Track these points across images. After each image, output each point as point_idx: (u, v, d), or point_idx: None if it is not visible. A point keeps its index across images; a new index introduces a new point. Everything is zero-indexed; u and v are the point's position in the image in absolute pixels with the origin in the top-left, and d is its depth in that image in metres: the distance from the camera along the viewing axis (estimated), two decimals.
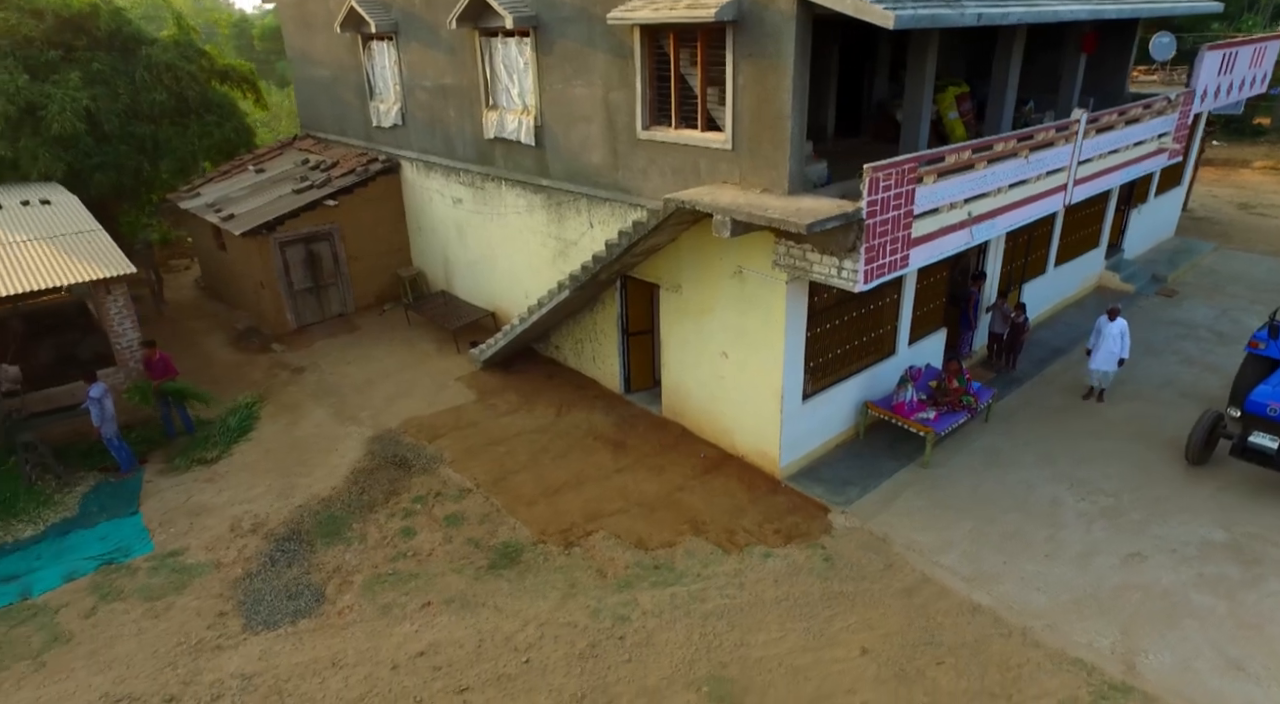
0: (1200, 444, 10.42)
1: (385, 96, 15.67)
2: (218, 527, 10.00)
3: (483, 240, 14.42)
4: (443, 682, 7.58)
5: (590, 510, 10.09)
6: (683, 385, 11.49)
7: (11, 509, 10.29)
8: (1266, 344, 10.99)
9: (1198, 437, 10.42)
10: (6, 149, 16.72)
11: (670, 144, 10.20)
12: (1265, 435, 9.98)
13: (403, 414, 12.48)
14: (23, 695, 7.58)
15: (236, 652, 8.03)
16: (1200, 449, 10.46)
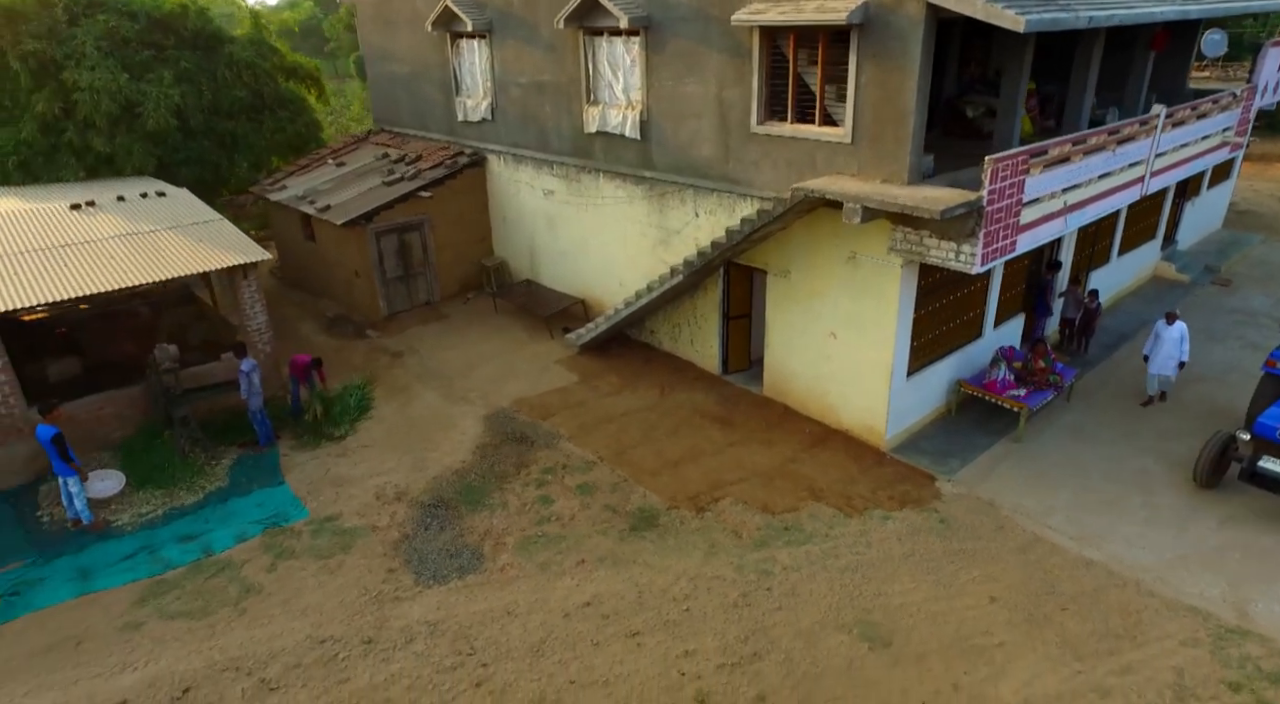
0: (1209, 467, 10.17)
1: (473, 92, 16.52)
2: (363, 495, 10.86)
3: (575, 230, 15.28)
4: (613, 627, 8.46)
5: (712, 480, 10.97)
6: (786, 365, 12.36)
7: (171, 479, 11.16)
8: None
9: (1206, 459, 10.17)
10: (105, 145, 17.61)
11: (785, 138, 11.06)
12: (1275, 460, 9.70)
13: (511, 395, 13.35)
14: (234, 636, 8.45)
15: (415, 602, 8.90)
16: (1209, 473, 10.21)
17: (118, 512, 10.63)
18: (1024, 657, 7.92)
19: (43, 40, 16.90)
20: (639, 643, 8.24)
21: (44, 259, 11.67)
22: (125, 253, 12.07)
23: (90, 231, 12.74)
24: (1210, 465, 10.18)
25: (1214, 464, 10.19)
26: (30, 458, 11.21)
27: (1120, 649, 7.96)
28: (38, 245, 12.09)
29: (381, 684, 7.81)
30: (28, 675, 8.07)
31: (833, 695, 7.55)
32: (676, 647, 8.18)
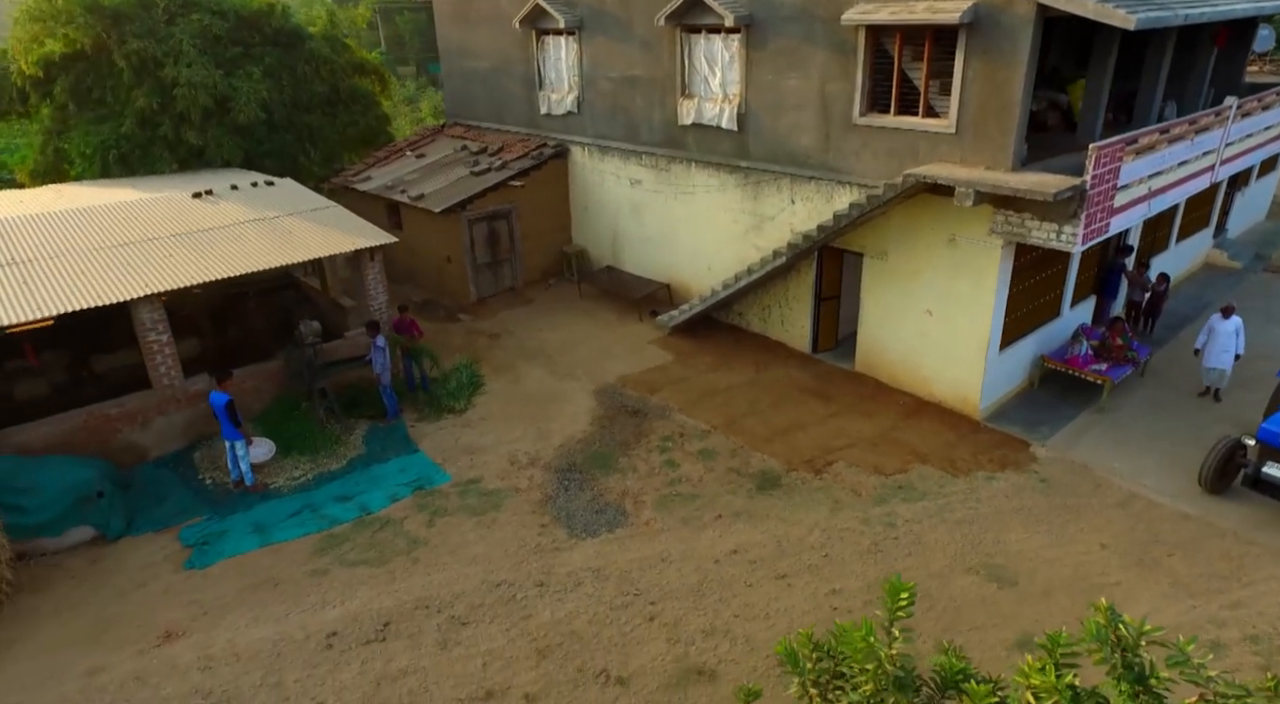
0: (1215, 473, 10.29)
1: (558, 87, 17.48)
2: (497, 462, 11.83)
3: (661, 218, 16.24)
4: (762, 571, 9.43)
5: (821, 446, 11.95)
6: (880, 342, 13.33)
7: (313, 447, 12.12)
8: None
9: (1212, 464, 10.27)
10: (197, 138, 18.56)
11: (887, 129, 12.03)
12: (1278, 467, 9.84)
13: (614, 372, 14.31)
14: (415, 581, 9.42)
15: (573, 552, 9.87)
16: (1215, 478, 10.32)
17: (272, 476, 11.60)
18: (1141, 594, 8.90)
19: (145, 39, 17.83)
20: (788, 584, 9.22)
21: (190, 243, 12.61)
22: (260, 237, 13.02)
23: (221, 218, 13.68)
24: (1216, 471, 10.28)
25: (1220, 470, 10.28)
26: (186, 425, 12.18)
27: (1228, 588, 8.94)
28: (179, 230, 13.02)
29: (563, 619, 8.78)
30: (241, 610, 9.04)
31: (974, 624, 8.53)
32: (823, 587, 9.15)
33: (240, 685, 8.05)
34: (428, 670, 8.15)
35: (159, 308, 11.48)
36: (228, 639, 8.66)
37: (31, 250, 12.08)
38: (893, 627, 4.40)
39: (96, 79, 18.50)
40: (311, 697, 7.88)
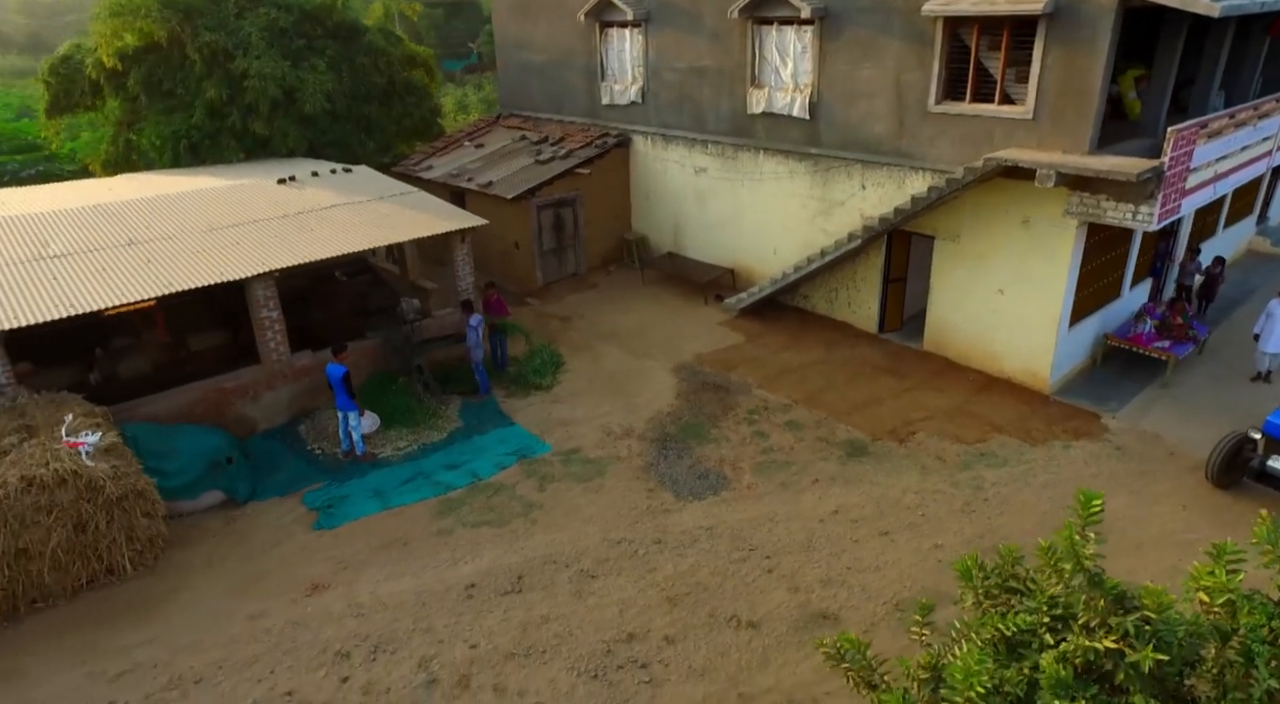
0: (1220, 467, 10.46)
1: (621, 77, 18.14)
2: (591, 433, 12.48)
3: (727, 205, 16.89)
4: (865, 529, 10.09)
5: (900, 418, 12.61)
6: (949, 321, 13.99)
7: (413, 420, 12.77)
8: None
9: (1218, 458, 10.45)
10: (264, 128, 19.20)
11: (963, 116, 12.69)
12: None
13: (689, 351, 14.97)
14: (537, 540, 10.08)
15: (683, 514, 10.53)
16: (1221, 472, 10.48)
17: (378, 446, 12.25)
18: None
19: (216, 32, 18.47)
20: (891, 540, 9.88)
21: (292, 224, 13.26)
22: (356, 219, 13.67)
23: (313, 201, 14.32)
24: (1223, 464, 10.44)
25: (1226, 464, 10.44)
26: (291, 400, 12.83)
27: None
28: (278, 213, 13.66)
29: (686, 572, 9.44)
30: (378, 566, 9.70)
31: None
32: (925, 542, 9.82)
33: (394, 630, 8.71)
34: (568, 617, 8.81)
35: (271, 285, 12.13)
36: (371, 591, 9.32)
37: (148, 231, 12.71)
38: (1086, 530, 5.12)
39: (167, 71, 19.15)
40: (464, 639, 8.54)
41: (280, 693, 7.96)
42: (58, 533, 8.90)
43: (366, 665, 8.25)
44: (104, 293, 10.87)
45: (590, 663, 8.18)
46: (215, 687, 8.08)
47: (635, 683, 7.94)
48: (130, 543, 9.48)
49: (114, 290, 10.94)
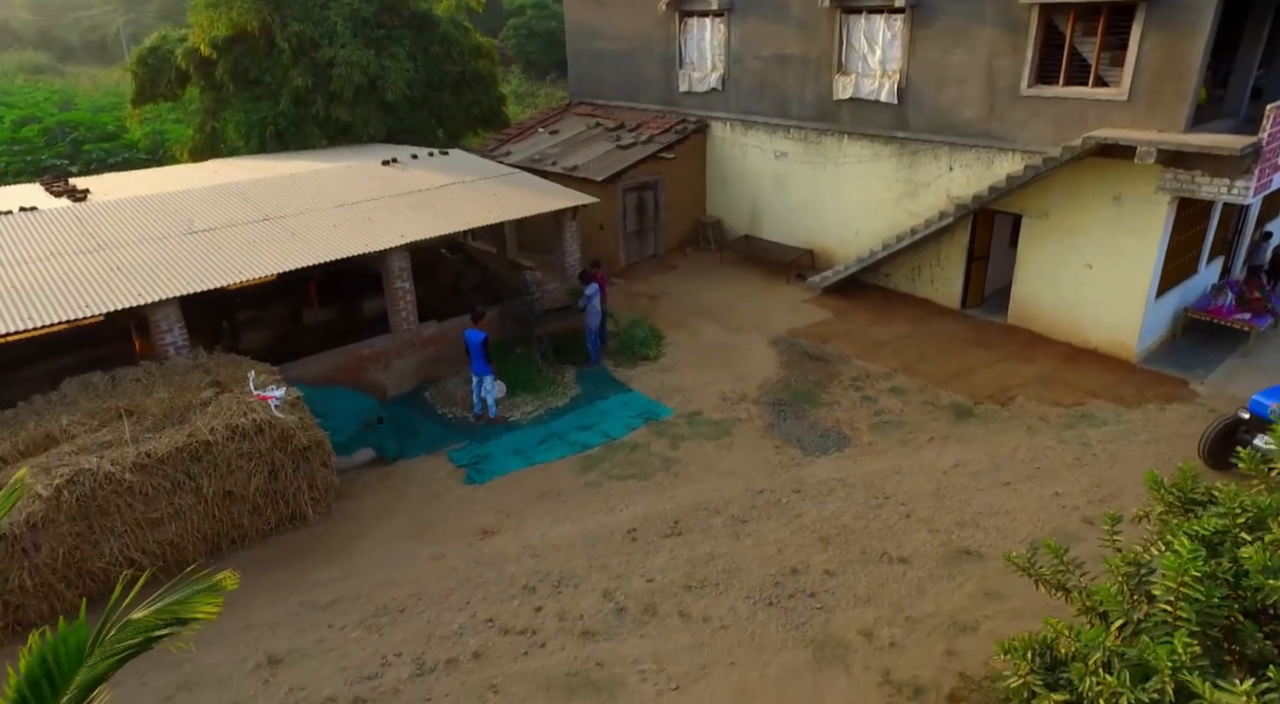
0: (1213, 447, 10.73)
1: (700, 65, 18.97)
2: (707, 398, 13.30)
3: (807, 188, 17.73)
4: (986, 480, 10.92)
5: (997, 385, 13.44)
6: (1035, 296, 14.83)
7: (534, 387, 13.57)
8: None
9: (1210, 439, 10.74)
10: (347, 114, 20.00)
11: (1055, 99, 13.53)
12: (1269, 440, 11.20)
13: (781, 326, 15.80)
14: (683, 490, 10.89)
15: (813, 468, 11.36)
16: (1213, 453, 10.73)
17: (506, 411, 13.05)
18: None
19: (304, 22, 19.27)
20: (1014, 489, 10.71)
21: (414, 202, 14.06)
22: (470, 197, 14.48)
23: (425, 181, 15.11)
24: (1214, 446, 10.70)
25: (1219, 445, 10.67)
26: (416, 368, 13.64)
27: None
28: (396, 192, 14.46)
29: (830, 517, 10.26)
30: (538, 514, 10.51)
31: None
32: (1045, 491, 10.65)
33: (571, 567, 9.52)
34: (731, 555, 9.62)
35: (406, 257, 12.93)
36: (540, 535, 10.13)
37: (282, 208, 13.50)
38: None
39: (253, 60, 19.93)
40: (639, 574, 9.35)
41: (481, 620, 8.76)
42: (256, 478, 9.70)
43: (554, 597, 9.06)
44: (260, 262, 11.67)
45: (762, 593, 8.99)
46: (420, 615, 8.88)
47: (808, 609, 8.76)
48: (311, 490, 10.27)
49: (270, 260, 11.74)
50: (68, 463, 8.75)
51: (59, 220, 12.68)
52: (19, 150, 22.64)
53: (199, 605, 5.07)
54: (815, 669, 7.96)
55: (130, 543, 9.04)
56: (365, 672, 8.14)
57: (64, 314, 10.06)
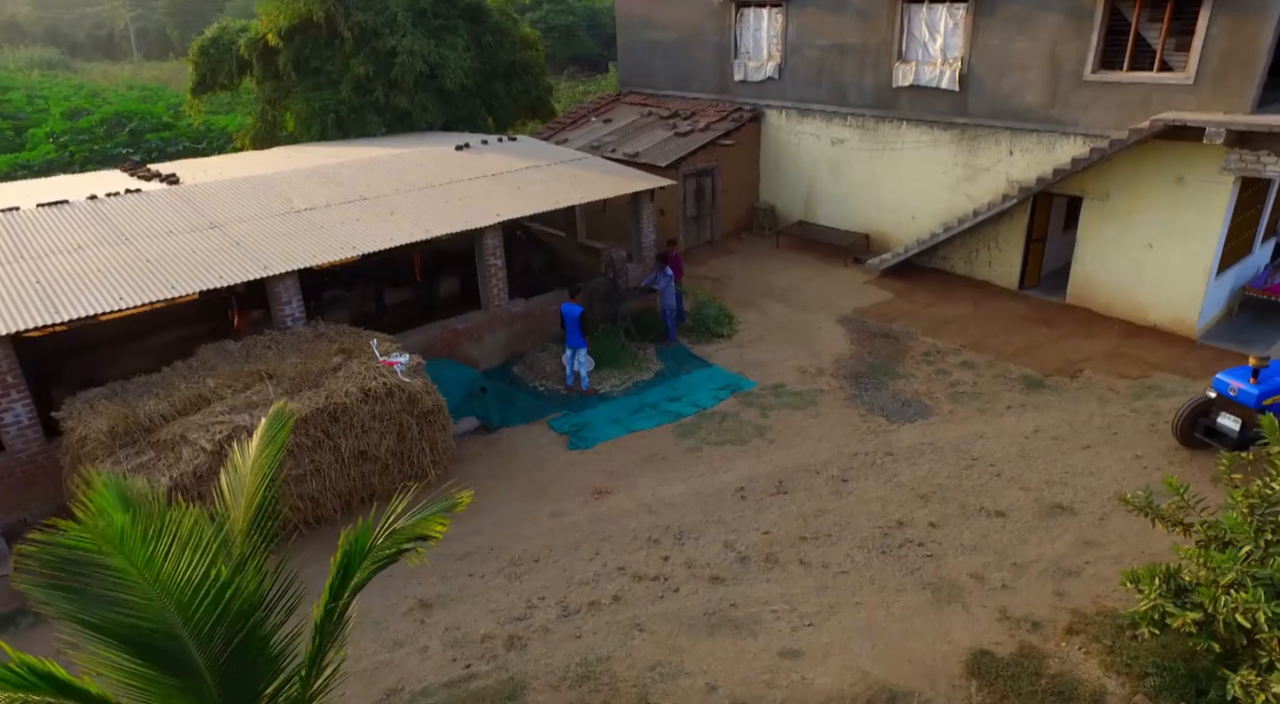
0: (1184, 425, 11.07)
1: (756, 55, 19.64)
2: (787, 372, 13.97)
3: (864, 174, 18.42)
4: (1068, 444, 11.59)
5: (1063, 359, 14.13)
6: (1094, 276, 15.52)
7: (618, 362, 14.24)
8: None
9: (1182, 417, 11.09)
10: (406, 103, 20.64)
11: (1119, 83, 14.22)
12: (1229, 417, 10.69)
13: (845, 306, 16.47)
14: (780, 454, 11.57)
15: (899, 434, 12.03)
16: (1185, 431, 11.09)
17: (596, 383, 13.71)
18: None
19: (366, 12, 19.91)
20: (1095, 452, 11.39)
21: (499, 183, 14.71)
22: (552, 180, 15.14)
23: (504, 165, 15.76)
24: (1186, 424, 11.08)
25: (1190, 423, 11.06)
26: (505, 343, 14.31)
27: None
28: (478, 174, 15.11)
29: (925, 477, 10.93)
30: (646, 476, 11.18)
31: None
32: (1126, 453, 11.33)
33: (689, 522, 10.19)
34: (836, 511, 10.30)
35: (499, 235, 13.59)
36: (651, 494, 10.80)
37: (373, 188, 14.15)
38: None
39: (315, 49, 20.56)
40: (754, 528, 10.02)
41: (613, 568, 9.43)
42: (387, 439, 10.37)
43: (678, 548, 9.73)
44: (369, 238, 12.33)
45: (873, 542, 9.67)
46: (553, 564, 9.55)
47: (918, 557, 9.43)
48: (431, 453, 10.94)
49: (377, 236, 12.39)
50: (224, 421, 9.41)
51: (168, 201, 13.32)
52: (83, 139, 23.26)
53: (433, 524, 5.79)
54: (935, 607, 8.63)
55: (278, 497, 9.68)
56: (514, 613, 8.81)
57: (202, 285, 10.72)
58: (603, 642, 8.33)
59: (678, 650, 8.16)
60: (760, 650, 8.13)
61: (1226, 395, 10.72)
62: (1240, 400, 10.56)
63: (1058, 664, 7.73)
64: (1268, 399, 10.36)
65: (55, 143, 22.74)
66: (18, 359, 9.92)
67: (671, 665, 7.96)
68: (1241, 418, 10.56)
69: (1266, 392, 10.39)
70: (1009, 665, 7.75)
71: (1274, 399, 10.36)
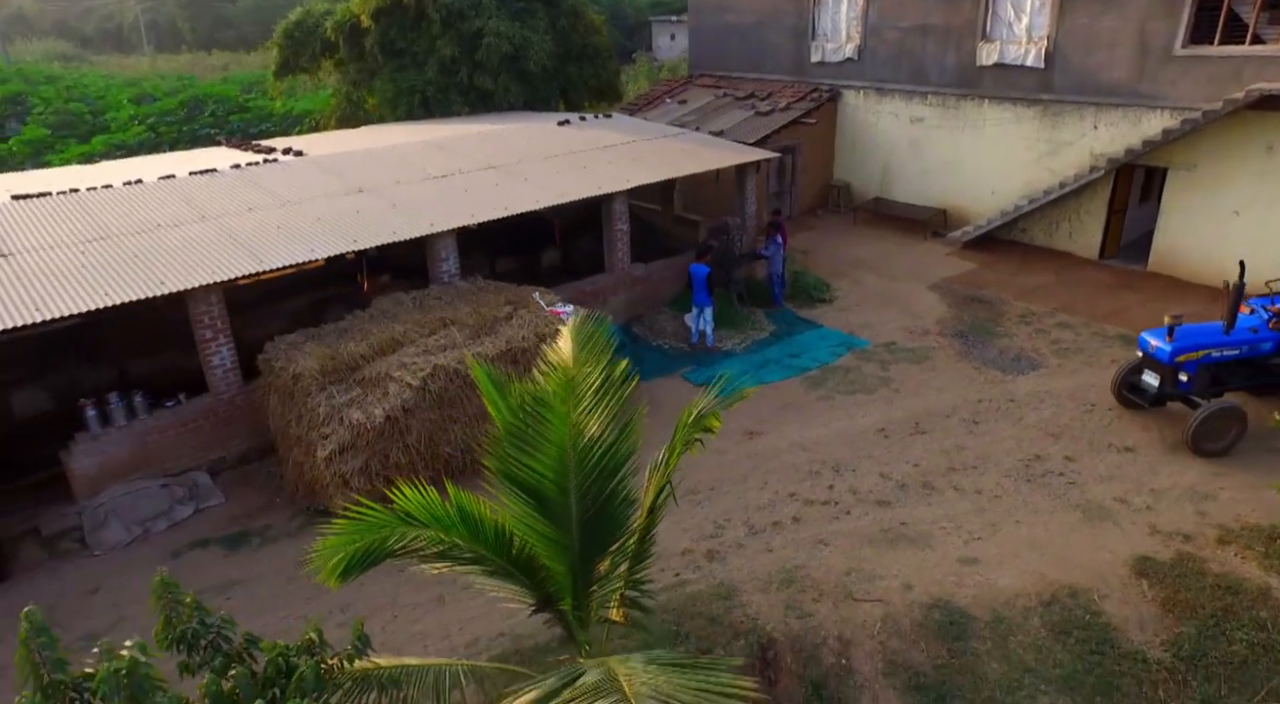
0: (1118, 384, 11.78)
1: (834, 37, 20.67)
2: (894, 332, 14.98)
3: (942, 151, 19.45)
4: None
5: (1155, 321, 14.81)
6: (1178, 244, 16.56)
7: (733, 323, 15.26)
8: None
9: (1118, 377, 11.82)
10: (489, 83, 21.62)
11: (1209, 58, 15.25)
12: (1150, 374, 11.28)
13: (933, 275, 17.49)
14: (908, 402, 12.57)
15: (1016, 384, 13.03)
16: (1118, 390, 11.80)
17: (716, 342, 14.71)
18: None
19: None
20: None
21: (616, 154, 15.69)
22: (663, 152, 16.15)
23: (607, 139, 16.75)
24: (1121, 383, 11.77)
25: (1124, 384, 11.72)
26: (627, 304, 15.28)
27: None
28: (592, 147, 16.08)
29: (1049, 419, 11.94)
30: (789, 421, 12.17)
31: None
32: None
33: (841, 457, 11.19)
34: (975, 447, 11.30)
35: (625, 201, 14.58)
36: (798, 435, 11.80)
37: (497, 159, 15.11)
38: None
39: (401, 30, 21.53)
40: (904, 461, 11.02)
41: (784, 495, 10.43)
42: None
43: (838, 478, 10.72)
44: (515, 200, 13.30)
45: (1017, 473, 10.67)
46: (728, 493, 10.55)
47: (1061, 484, 10.43)
48: None
49: (521, 199, 13.37)
50: (422, 360, 10.38)
51: (309, 169, 14.27)
52: (170, 121, 24.18)
53: (712, 420, 6.80)
54: (1088, 524, 9.63)
55: (466, 432, 10.67)
56: (705, 532, 9.79)
57: (381, 239, 11.71)
58: (793, 554, 9.32)
59: (864, 560, 9.15)
60: (940, 559, 9.12)
61: (1148, 353, 11.30)
62: (1157, 357, 11.18)
63: (1218, 566, 8.74)
64: (1179, 356, 10.97)
65: (145, 125, 23.66)
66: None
67: (863, 571, 8.95)
68: (1159, 375, 11.22)
69: (1179, 349, 10.97)
70: (1173, 567, 8.76)
71: (1186, 356, 10.98)
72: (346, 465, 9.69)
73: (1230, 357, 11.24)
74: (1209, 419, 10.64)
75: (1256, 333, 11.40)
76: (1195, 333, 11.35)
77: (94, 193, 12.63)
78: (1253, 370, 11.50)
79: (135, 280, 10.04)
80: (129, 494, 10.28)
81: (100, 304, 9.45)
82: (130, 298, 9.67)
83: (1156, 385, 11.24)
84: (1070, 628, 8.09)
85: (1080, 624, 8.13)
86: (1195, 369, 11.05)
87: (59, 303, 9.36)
